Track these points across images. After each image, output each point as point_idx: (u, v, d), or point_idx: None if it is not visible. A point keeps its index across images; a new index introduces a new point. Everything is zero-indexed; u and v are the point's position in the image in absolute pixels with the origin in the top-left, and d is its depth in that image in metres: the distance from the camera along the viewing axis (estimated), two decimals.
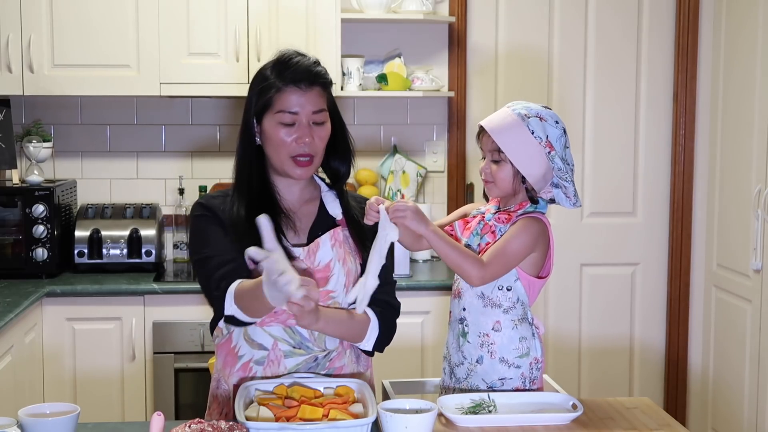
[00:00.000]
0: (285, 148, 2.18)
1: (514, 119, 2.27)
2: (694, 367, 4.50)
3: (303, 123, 2.18)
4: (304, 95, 2.17)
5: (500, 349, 2.30)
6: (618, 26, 4.40)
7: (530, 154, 2.26)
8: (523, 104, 2.33)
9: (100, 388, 3.68)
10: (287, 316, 2.16)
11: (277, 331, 2.19)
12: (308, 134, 2.18)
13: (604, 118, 4.44)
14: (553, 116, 2.32)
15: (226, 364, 2.24)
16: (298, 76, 2.17)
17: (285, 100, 2.17)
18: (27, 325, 3.43)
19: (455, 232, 2.37)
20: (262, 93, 2.19)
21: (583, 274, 4.50)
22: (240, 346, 2.22)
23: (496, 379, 2.30)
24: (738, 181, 4.07)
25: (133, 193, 4.24)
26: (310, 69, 2.19)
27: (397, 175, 4.21)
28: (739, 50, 4.06)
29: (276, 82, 2.18)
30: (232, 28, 3.84)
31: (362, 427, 1.88)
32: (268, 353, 2.19)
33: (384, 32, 4.27)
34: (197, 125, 4.25)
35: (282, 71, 2.19)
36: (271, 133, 2.19)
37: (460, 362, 2.34)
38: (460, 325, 2.34)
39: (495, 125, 2.29)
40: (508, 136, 2.26)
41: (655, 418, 2.18)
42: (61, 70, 3.82)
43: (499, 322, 2.30)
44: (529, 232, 2.27)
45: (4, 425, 1.88)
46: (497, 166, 2.30)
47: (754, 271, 3.90)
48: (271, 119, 2.19)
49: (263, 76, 2.21)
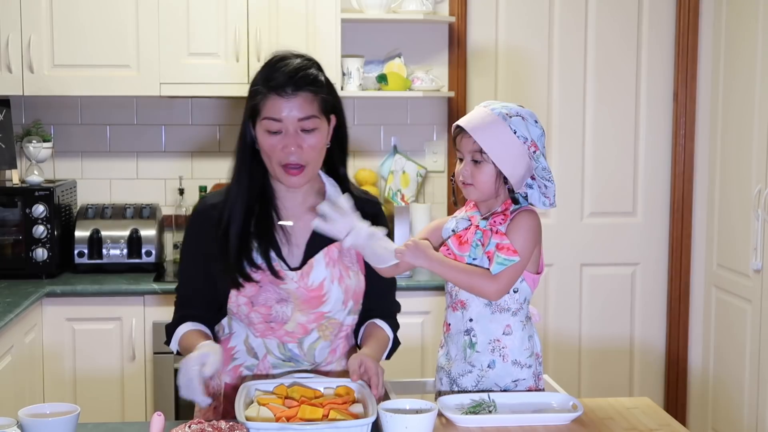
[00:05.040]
0: (275, 156, 2.12)
1: (495, 119, 2.20)
2: (694, 367, 4.50)
3: (290, 131, 2.09)
4: (289, 102, 2.08)
5: (512, 352, 2.26)
6: (618, 26, 4.40)
7: (513, 155, 2.20)
8: (500, 104, 2.26)
9: (100, 388, 3.68)
10: (284, 332, 2.17)
11: (272, 345, 2.19)
12: (294, 143, 2.09)
13: (604, 118, 4.44)
14: (532, 115, 2.25)
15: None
16: (281, 82, 2.08)
17: (270, 108, 2.09)
18: (27, 325, 3.43)
19: (452, 251, 2.26)
20: (251, 98, 2.13)
21: (583, 274, 4.50)
22: (238, 350, 2.23)
23: (510, 382, 2.27)
24: (738, 181, 4.07)
25: (133, 193, 4.24)
26: (293, 74, 2.09)
27: (397, 175, 4.21)
28: (739, 50, 4.06)
29: (261, 87, 2.11)
30: (232, 28, 3.84)
31: (362, 427, 1.88)
32: (258, 363, 2.21)
33: (384, 32, 4.27)
34: (197, 125, 4.25)
35: (267, 76, 2.11)
36: (260, 140, 2.13)
37: (466, 372, 2.28)
38: (466, 336, 2.27)
39: (476, 125, 2.21)
40: (491, 136, 2.19)
41: (655, 418, 2.18)
42: (61, 70, 3.82)
43: (510, 325, 2.27)
44: (530, 227, 2.23)
45: (4, 425, 1.87)
46: (477, 168, 2.22)
47: (754, 271, 3.90)
48: (259, 126, 2.12)
49: (254, 79, 2.14)
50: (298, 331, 2.18)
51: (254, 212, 2.17)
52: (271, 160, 2.13)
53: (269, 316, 2.15)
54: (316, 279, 2.16)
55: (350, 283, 2.20)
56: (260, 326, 2.17)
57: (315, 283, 2.16)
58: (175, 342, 2.21)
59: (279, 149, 2.10)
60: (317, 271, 2.17)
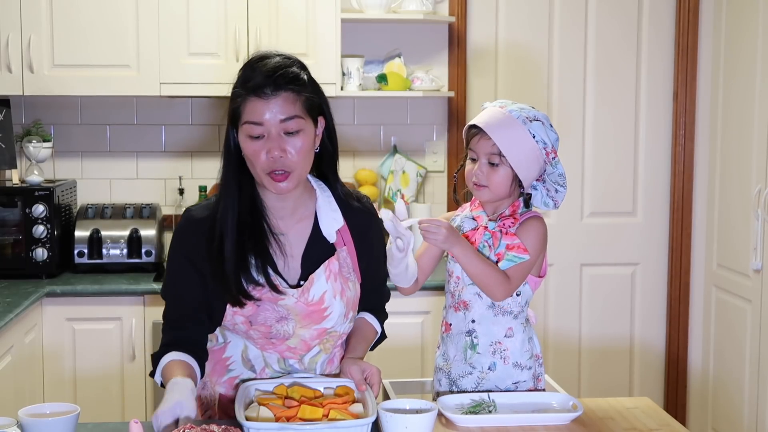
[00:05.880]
0: (258, 163, 2.00)
1: (515, 122, 2.20)
2: (694, 367, 4.50)
3: (272, 134, 1.97)
4: (268, 103, 1.96)
5: (513, 354, 2.28)
6: (618, 26, 4.40)
7: (530, 159, 2.21)
8: (516, 105, 2.25)
9: (100, 388, 3.68)
10: (286, 347, 2.13)
11: (272, 359, 2.14)
12: (278, 147, 1.97)
13: (604, 118, 4.44)
14: (548, 119, 2.26)
15: (214, 372, 2.19)
16: (259, 82, 1.96)
17: (250, 111, 1.97)
18: (27, 325, 3.43)
19: None
20: (231, 102, 2.02)
21: (583, 274, 4.50)
22: (234, 361, 2.17)
23: (510, 384, 2.28)
24: (738, 181, 4.07)
25: (133, 193, 4.24)
26: (272, 73, 1.97)
27: (397, 175, 4.21)
28: (739, 50, 4.06)
29: (239, 90, 2.00)
30: (231, 28, 3.84)
31: (362, 427, 1.88)
32: (255, 376, 2.16)
33: (384, 32, 4.27)
34: (197, 125, 4.25)
35: (246, 77, 1.99)
36: (243, 146, 2.01)
37: (466, 373, 2.28)
38: (468, 337, 2.28)
39: (495, 127, 2.20)
40: (511, 140, 2.18)
41: (655, 418, 2.18)
42: (61, 70, 3.82)
43: (511, 328, 2.28)
44: (539, 234, 2.26)
45: (4, 425, 1.87)
46: (493, 170, 2.22)
47: (754, 271, 3.90)
48: (241, 131, 2.01)
49: (235, 82, 2.03)
50: (300, 347, 2.14)
51: (247, 225, 2.06)
52: (255, 166, 2.01)
53: (269, 334, 2.11)
54: (316, 293, 2.10)
55: (350, 294, 2.16)
56: (260, 341, 2.13)
57: (315, 298, 2.10)
58: (159, 374, 2.07)
59: (263, 155, 1.98)
60: (318, 285, 2.10)
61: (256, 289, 2.07)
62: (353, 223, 2.18)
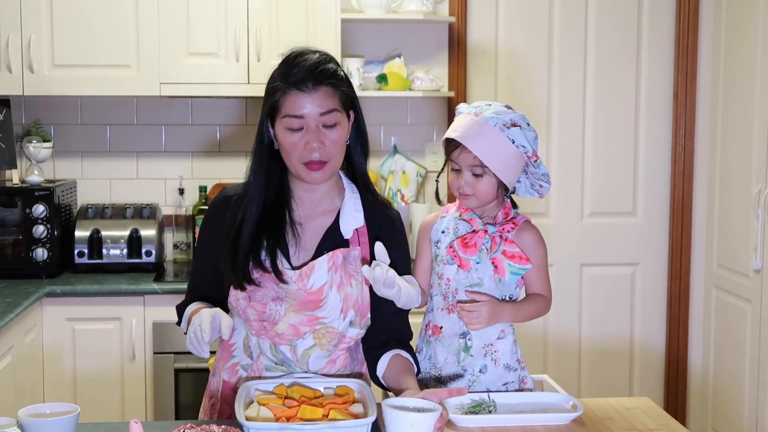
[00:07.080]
0: (296, 154, 2.07)
1: (493, 130, 2.19)
2: (694, 367, 4.50)
3: (311, 127, 2.06)
4: (309, 97, 2.05)
5: (504, 356, 2.29)
6: (618, 26, 4.40)
7: (513, 165, 2.22)
8: (490, 109, 2.23)
9: (100, 388, 3.68)
10: (275, 333, 2.15)
11: (265, 346, 2.17)
12: (317, 138, 2.05)
13: (604, 118, 4.44)
14: (524, 119, 2.24)
15: (221, 358, 2.26)
16: (301, 77, 2.04)
17: (290, 104, 2.05)
18: (27, 325, 3.43)
19: (457, 253, 2.26)
20: (269, 96, 2.09)
21: (583, 274, 4.50)
22: (237, 347, 2.22)
23: (500, 385, 2.29)
24: (738, 181, 4.07)
25: (133, 193, 4.24)
26: (313, 68, 2.05)
27: (397, 175, 4.21)
28: (739, 50, 4.06)
29: (280, 84, 2.07)
30: (232, 28, 3.84)
31: (362, 427, 1.88)
32: (252, 363, 2.19)
33: (384, 32, 4.27)
34: (197, 125, 4.25)
35: (286, 73, 2.07)
36: (281, 138, 2.09)
37: (458, 375, 2.28)
38: (462, 339, 2.28)
39: (473, 139, 2.18)
40: (492, 150, 2.18)
41: (655, 418, 2.18)
42: (61, 70, 3.82)
43: (503, 330, 2.29)
44: (540, 242, 2.31)
45: (4, 425, 1.87)
46: (478, 180, 2.22)
47: (754, 271, 3.90)
48: (279, 124, 2.08)
49: (272, 77, 2.10)
50: (288, 332, 2.14)
51: (269, 215, 2.14)
52: (292, 158, 2.08)
53: (263, 314, 2.13)
54: (316, 282, 2.12)
55: (350, 291, 2.15)
56: (255, 324, 2.16)
57: (315, 287, 2.12)
58: (185, 319, 2.22)
59: (301, 146, 2.06)
60: (318, 274, 2.12)
61: (259, 271, 2.12)
62: (374, 225, 2.20)
